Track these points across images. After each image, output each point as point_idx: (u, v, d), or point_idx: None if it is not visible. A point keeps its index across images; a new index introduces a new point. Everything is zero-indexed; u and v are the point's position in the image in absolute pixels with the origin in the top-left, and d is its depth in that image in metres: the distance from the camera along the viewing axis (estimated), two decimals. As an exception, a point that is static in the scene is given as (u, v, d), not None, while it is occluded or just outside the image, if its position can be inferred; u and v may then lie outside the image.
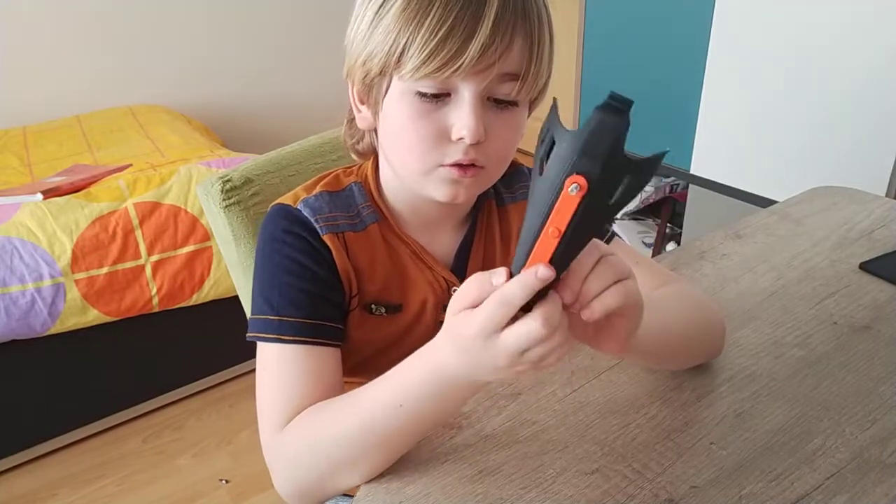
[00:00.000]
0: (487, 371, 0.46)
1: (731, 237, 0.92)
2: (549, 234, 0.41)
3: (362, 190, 0.68)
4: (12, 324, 1.45)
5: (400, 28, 0.54)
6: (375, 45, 0.56)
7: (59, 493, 1.54)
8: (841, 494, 0.52)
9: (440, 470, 0.55)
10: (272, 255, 0.63)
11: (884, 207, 0.98)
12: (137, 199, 1.58)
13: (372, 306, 0.68)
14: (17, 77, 2.43)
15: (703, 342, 0.66)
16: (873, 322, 0.73)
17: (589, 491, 0.53)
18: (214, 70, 2.82)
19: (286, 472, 0.57)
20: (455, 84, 0.55)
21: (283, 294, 0.61)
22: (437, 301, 0.70)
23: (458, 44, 0.52)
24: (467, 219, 0.71)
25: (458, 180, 0.59)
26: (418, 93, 0.56)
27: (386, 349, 0.72)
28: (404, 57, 0.54)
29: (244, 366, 1.83)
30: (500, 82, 0.56)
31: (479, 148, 0.57)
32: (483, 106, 0.57)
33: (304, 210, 0.64)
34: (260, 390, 0.60)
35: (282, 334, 0.60)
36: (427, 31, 0.52)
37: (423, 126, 0.57)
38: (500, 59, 0.54)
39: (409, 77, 0.55)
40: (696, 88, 1.77)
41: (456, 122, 0.56)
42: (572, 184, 0.39)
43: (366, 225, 0.66)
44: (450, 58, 0.52)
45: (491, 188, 0.72)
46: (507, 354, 0.43)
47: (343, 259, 0.64)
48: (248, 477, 1.56)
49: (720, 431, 0.59)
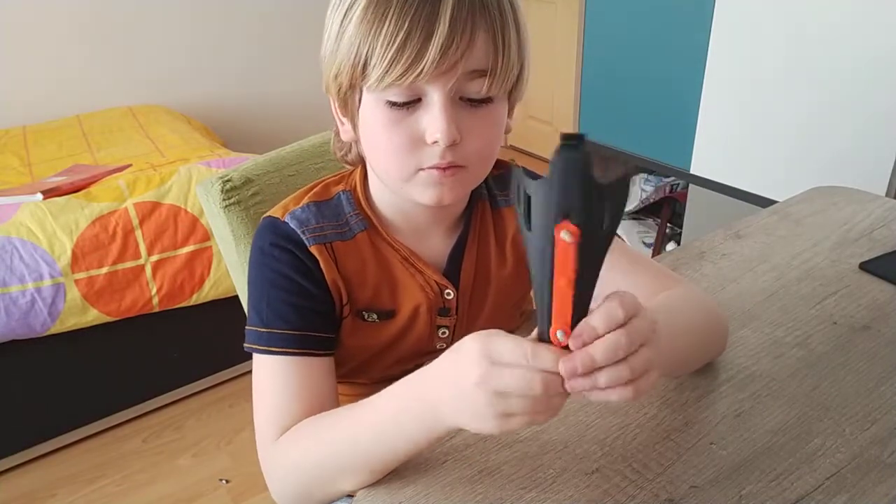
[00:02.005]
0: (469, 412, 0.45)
1: (731, 237, 0.92)
2: (563, 287, 0.40)
3: (350, 198, 0.68)
4: (12, 324, 1.45)
5: (360, 39, 0.54)
6: (342, 59, 0.56)
7: (59, 493, 1.54)
8: (841, 494, 0.52)
9: (440, 470, 0.55)
10: (262, 268, 0.64)
11: (884, 207, 0.98)
12: (137, 199, 1.58)
13: (364, 313, 0.68)
14: (17, 77, 2.43)
15: (713, 343, 0.66)
16: (873, 322, 0.73)
17: (589, 491, 0.53)
18: (214, 70, 2.82)
19: (281, 482, 0.58)
20: (423, 88, 0.55)
21: (271, 307, 0.62)
22: (430, 305, 0.70)
23: (417, 48, 0.52)
24: (460, 222, 0.71)
25: (441, 182, 0.58)
26: (388, 102, 0.56)
27: (380, 354, 0.72)
28: (367, 68, 0.54)
29: (244, 366, 1.83)
30: (468, 80, 0.55)
31: (455, 149, 0.57)
32: (455, 106, 0.56)
33: (291, 222, 0.65)
34: (255, 402, 0.62)
35: (271, 346, 0.61)
36: (385, 40, 0.52)
37: (397, 134, 0.57)
38: (463, 57, 0.53)
39: (374, 87, 0.55)
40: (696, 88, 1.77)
41: (428, 126, 0.56)
42: (562, 231, 0.39)
43: (354, 233, 0.66)
44: (410, 63, 0.52)
45: (484, 190, 0.71)
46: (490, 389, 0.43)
47: (331, 269, 0.64)
48: (248, 477, 1.56)
49: (720, 431, 0.59)
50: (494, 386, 0.42)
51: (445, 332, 0.72)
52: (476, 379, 0.43)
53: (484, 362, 0.43)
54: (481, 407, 0.43)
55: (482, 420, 0.44)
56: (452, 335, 0.73)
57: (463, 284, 0.70)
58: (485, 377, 0.42)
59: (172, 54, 2.71)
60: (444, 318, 0.71)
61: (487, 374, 0.42)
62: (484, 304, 0.73)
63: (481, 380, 0.43)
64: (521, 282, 0.75)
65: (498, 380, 0.42)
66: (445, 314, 0.71)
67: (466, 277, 0.70)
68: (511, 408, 0.43)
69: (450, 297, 0.70)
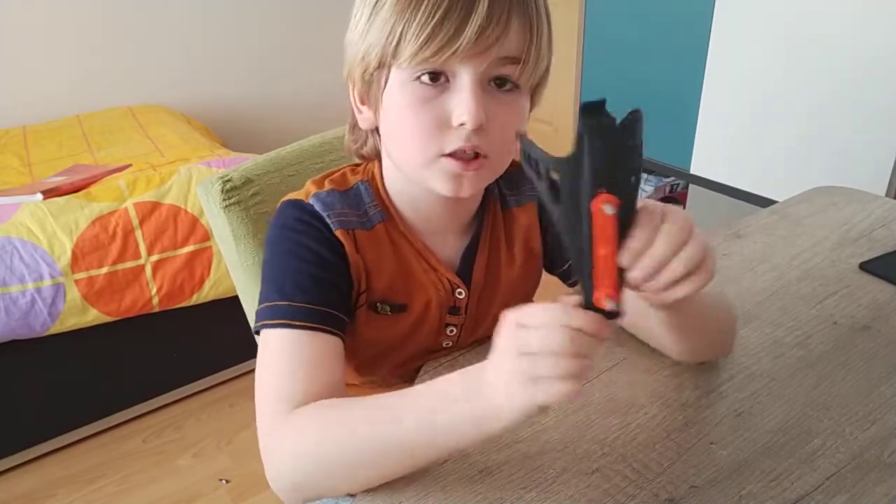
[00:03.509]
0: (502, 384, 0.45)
1: (731, 237, 0.92)
2: (605, 255, 0.41)
3: (369, 189, 0.67)
4: (12, 324, 1.45)
5: (395, 18, 0.54)
6: (373, 39, 0.57)
7: (59, 493, 1.54)
8: (841, 494, 0.52)
9: (440, 470, 0.55)
10: (283, 242, 0.63)
11: (884, 207, 0.98)
12: (137, 199, 1.58)
13: (378, 305, 0.68)
14: (17, 77, 2.43)
15: (728, 332, 0.67)
16: (873, 322, 0.73)
17: (589, 491, 0.53)
18: (214, 70, 2.82)
19: (283, 464, 0.53)
20: (454, 68, 0.55)
21: (293, 279, 0.60)
22: (441, 302, 0.70)
23: (455, 26, 0.53)
24: (472, 222, 0.71)
25: (461, 174, 0.58)
26: (418, 80, 0.56)
27: (391, 349, 0.72)
28: (401, 45, 0.54)
29: (244, 366, 1.83)
30: (499, 66, 0.56)
31: (481, 134, 0.57)
32: (484, 91, 0.56)
33: (316, 205, 0.64)
34: (261, 377, 0.57)
35: (291, 319, 0.58)
36: (423, 17, 0.53)
37: (423, 113, 0.57)
38: (498, 41, 0.54)
39: (406, 64, 0.55)
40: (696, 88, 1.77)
41: (456, 107, 0.56)
42: (602, 204, 0.39)
43: (373, 224, 0.66)
44: (447, 41, 0.53)
45: (496, 190, 0.72)
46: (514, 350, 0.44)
47: (354, 255, 0.64)
48: (248, 477, 1.56)
49: (720, 431, 0.59)
50: (519, 345, 0.43)
51: (454, 330, 0.73)
52: (503, 343, 0.44)
53: (512, 327, 0.44)
54: (508, 374, 0.44)
55: (512, 392, 0.44)
56: (460, 334, 0.73)
57: (474, 285, 0.70)
58: (511, 338, 0.44)
59: (172, 54, 2.70)
60: (454, 316, 0.71)
61: (514, 336, 0.44)
62: (492, 305, 0.73)
63: (507, 342, 0.44)
64: (529, 282, 0.75)
65: (524, 339, 0.43)
66: (455, 313, 0.71)
67: (478, 278, 0.71)
68: (537, 369, 0.43)
69: (461, 296, 0.70)
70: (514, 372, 0.44)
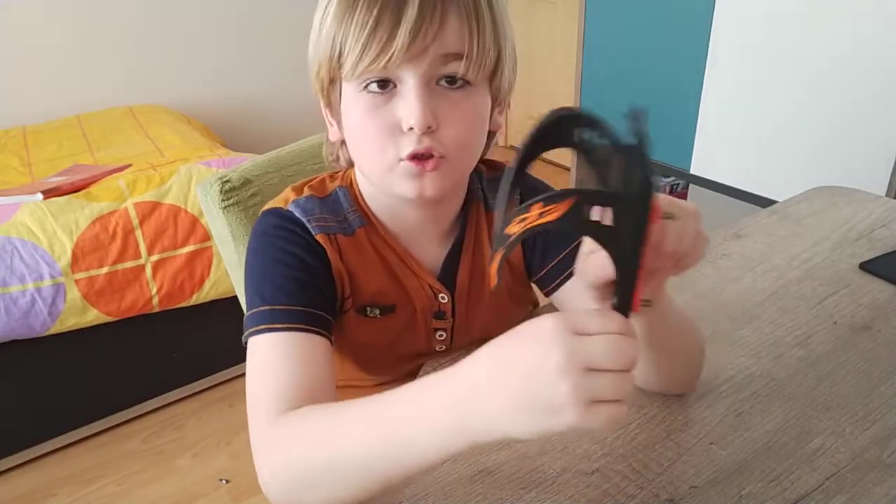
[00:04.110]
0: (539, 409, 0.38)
1: (731, 237, 0.92)
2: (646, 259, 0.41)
3: (347, 195, 0.67)
4: (12, 324, 1.45)
5: (335, 31, 0.55)
6: (322, 55, 0.57)
7: (59, 493, 1.54)
8: (841, 494, 0.52)
9: (440, 470, 0.55)
10: (264, 248, 0.63)
11: (884, 207, 0.98)
12: (137, 199, 1.58)
13: (367, 309, 0.68)
14: (17, 77, 2.43)
15: (698, 359, 0.63)
16: (873, 322, 0.73)
17: (589, 491, 0.53)
18: (214, 70, 2.82)
19: (275, 467, 0.51)
20: (398, 73, 0.55)
21: (274, 284, 0.60)
22: (424, 308, 0.69)
23: (388, 31, 0.53)
24: (455, 226, 0.70)
25: (420, 174, 0.58)
26: (366, 89, 0.57)
27: (383, 351, 0.72)
28: (343, 57, 0.55)
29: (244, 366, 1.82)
30: (443, 64, 0.55)
31: (432, 136, 0.57)
32: (431, 92, 0.56)
33: (296, 211, 0.64)
34: (251, 382, 0.56)
35: (273, 323, 0.58)
36: (357, 27, 0.53)
37: (375, 121, 0.57)
38: (435, 40, 0.54)
39: (350, 76, 0.56)
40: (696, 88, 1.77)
41: (403, 112, 0.56)
42: (658, 219, 0.40)
43: (353, 229, 0.66)
44: (381, 47, 0.53)
45: (480, 192, 0.71)
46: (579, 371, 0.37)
47: (336, 259, 0.64)
48: (248, 477, 1.56)
49: (720, 431, 0.59)
50: (584, 359, 0.37)
51: (443, 334, 0.72)
52: (558, 358, 0.37)
53: (566, 336, 0.37)
54: (562, 396, 0.36)
55: (556, 416, 0.37)
56: (451, 338, 0.73)
57: (459, 288, 0.70)
58: (572, 352, 0.37)
59: (173, 54, 2.70)
60: (440, 321, 0.71)
61: (575, 349, 0.37)
62: (481, 308, 0.72)
63: (567, 357, 0.37)
64: (520, 283, 0.74)
65: (590, 351, 0.37)
66: (441, 317, 0.71)
67: (462, 282, 0.70)
68: (600, 390, 0.37)
69: (444, 300, 0.70)
70: (572, 393, 0.36)
